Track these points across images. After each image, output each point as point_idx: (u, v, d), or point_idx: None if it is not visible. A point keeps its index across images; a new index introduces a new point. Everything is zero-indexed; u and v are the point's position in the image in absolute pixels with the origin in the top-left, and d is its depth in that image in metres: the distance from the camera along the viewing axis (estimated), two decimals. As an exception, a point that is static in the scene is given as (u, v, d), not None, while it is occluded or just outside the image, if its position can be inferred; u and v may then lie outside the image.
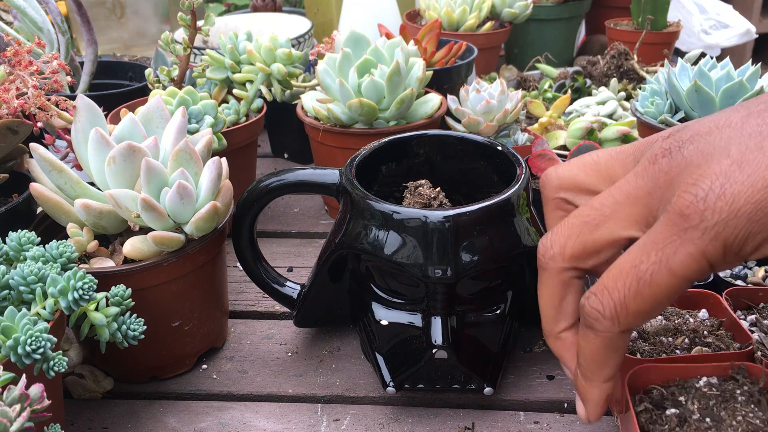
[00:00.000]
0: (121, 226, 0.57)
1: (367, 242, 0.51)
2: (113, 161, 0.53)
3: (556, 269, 0.38)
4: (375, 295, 0.56)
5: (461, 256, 0.49)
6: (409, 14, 1.26)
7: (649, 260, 0.32)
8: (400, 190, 0.59)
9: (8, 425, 0.35)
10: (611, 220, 0.35)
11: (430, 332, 0.52)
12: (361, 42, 0.76)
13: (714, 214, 0.30)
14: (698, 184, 0.31)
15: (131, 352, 0.52)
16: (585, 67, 1.12)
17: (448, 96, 0.84)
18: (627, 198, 0.35)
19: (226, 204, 0.57)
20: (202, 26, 0.76)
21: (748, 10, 2.08)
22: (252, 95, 0.81)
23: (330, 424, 0.54)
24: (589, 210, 0.36)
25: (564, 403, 0.55)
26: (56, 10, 0.85)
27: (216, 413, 0.56)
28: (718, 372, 0.44)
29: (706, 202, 0.30)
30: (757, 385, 0.42)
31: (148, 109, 0.59)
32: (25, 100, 0.59)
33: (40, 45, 0.65)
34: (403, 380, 0.54)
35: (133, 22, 1.31)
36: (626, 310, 0.33)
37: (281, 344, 0.63)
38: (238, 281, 0.72)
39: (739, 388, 0.42)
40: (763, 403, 0.41)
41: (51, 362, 0.42)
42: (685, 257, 0.31)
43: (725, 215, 0.30)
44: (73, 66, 0.90)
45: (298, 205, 0.88)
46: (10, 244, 0.50)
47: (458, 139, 0.62)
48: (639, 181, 0.34)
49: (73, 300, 0.46)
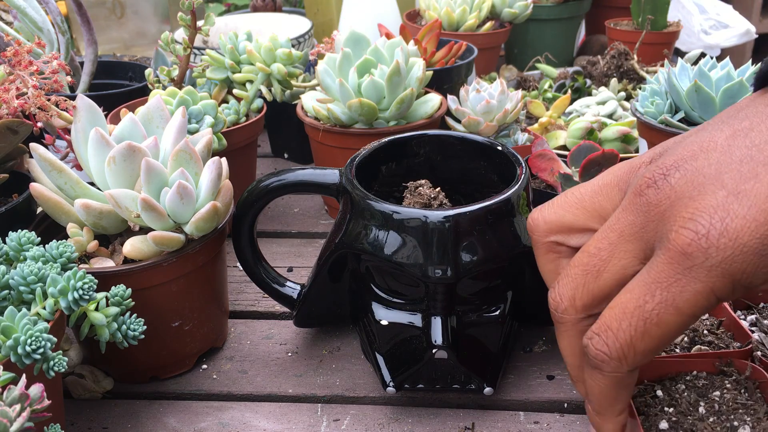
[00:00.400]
0: (121, 226, 0.57)
1: (367, 242, 0.51)
2: (113, 161, 0.53)
3: (571, 321, 0.38)
4: (375, 295, 0.56)
5: (461, 256, 0.49)
6: (409, 14, 1.26)
7: (654, 300, 0.32)
8: (400, 190, 0.59)
9: (8, 425, 0.35)
10: (611, 262, 0.35)
11: (430, 332, 0.52)
12: (361, 42, 0.76)
13: (719, 251, 0.29)
14: (696, 220, 0.30)
15: (131, 352, 0.52)
16: (585, 67, 1.12)
17: (448, 96, 0.84)
18: (621, 237, 0.34)
19: (226, 204, 0.57)
20: (202, 26, 0.76)
21: (748, 10, 2.08)
22: (252, 95, 0.81)
23: (330, 424, 0.54)
24: (587, 258, 0.36)
25: (564, 403, 0.55)
26: (56, 10, 0.85)
27: (216, 413, 0.56)
28: (708, 369, 0.45)
29: (709, 240, 0.30)
30: (743, 374, 0.44)
31: (148, 109, 0.59)
32: (25, 100, 0.59)
33: (40, 45, 0.65)
34: (403, 380, 0.54)
35: (133, 22, 1.31)
36: (633, 350, 0.33)
37: (281, 344, 0.63)
38: (238, 281, 0.72)
39: (727, 378, 0.44)
40: (750, 388, 0.42)
41: (51, 362, 0.42)
42: (693, 295, 0.31)
43: (730, 252, 0.29)
44: (73, 66, 0.90)
45: (298, 205, 0.88)
46: (10, 244, 0.50)
47: (458, 139, 0.62)
48: (629, 217, 0.34)
49: (73, 300, 0.46)
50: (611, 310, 0.34)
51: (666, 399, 0.43)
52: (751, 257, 0.29)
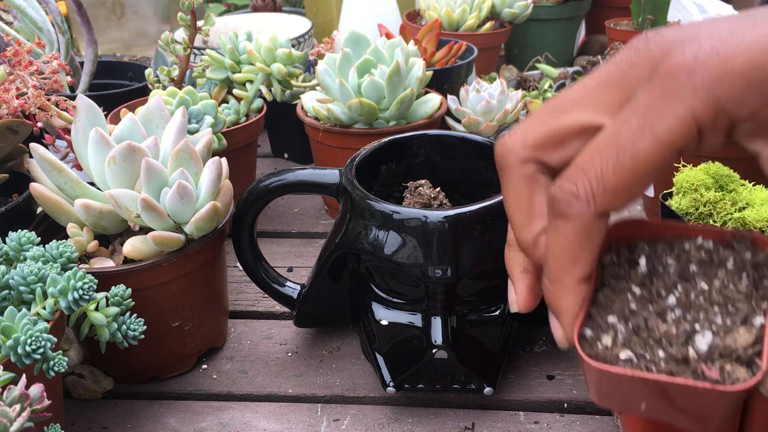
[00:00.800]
0: (121, 226, 0.57)
1: (367, 242, 0.51)
2: (113, 161, 0.53)
3: (517, 161, 0.33)
4: (375, 295, 0.56)
5: (461, 256, 0.49)
6: (409, 14, 1.26)
7: (629, 128, 0.28)
8: (400, 190, 0.59)
9: (8, 425, 0.35)
10: (580, 104, 0.31)
11: (430, 332, 0.52)
12: (361, 42, 0.76)
13: (705, 70, 0.27)
14: (687, 46, 0.28)
15: (131, 352, 0.52)
16: (585, 67, 1.12)
17: (448, 96, 0.84)
18: (599, 83, 0.31)
19: (226, 204, 0.57)
20: (202, 26, 0.76)
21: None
22: (252, 95, 0.81)
23: (330, 424, 0.54)
24: (555, 99, 0.32)
25: (564, 403, 0.55)
26: (56, 10, 0.85)
27: (216, 413, 0.56)
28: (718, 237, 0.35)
29: (697, 59, 0.27)
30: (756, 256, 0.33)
31: (148, 109, 0.59)
32: (25, 100, 0.59)
33: (40, 45, 0.65)
34: (403, 380, 0.54)
35: (133, 22, 1.31)
36: (603, 186, 0.29)
37: (281, 344, 0.63)
38: (238, 281, 0.72)
39: (733, 256, 0.34)
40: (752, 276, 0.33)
41: (51, 362, 0.42)
42: (673, 120, 0.27)
43: (718, 71, 0.27)
44: (73, 66, 0.90)
45: (298, 205, 0.88)
46: (10, 244, 0.50)
47: (458, 139, 0.62)
48: (612, 67, 0.30)
49: (73, 300, 0.46)
50: (585, 150, 0.30)
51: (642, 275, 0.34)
52: (739, 81, 0.27)
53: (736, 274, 0.33)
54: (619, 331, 0.31)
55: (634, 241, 0.36)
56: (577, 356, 0.31)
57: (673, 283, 0.33)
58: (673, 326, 0.31)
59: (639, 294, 0.33)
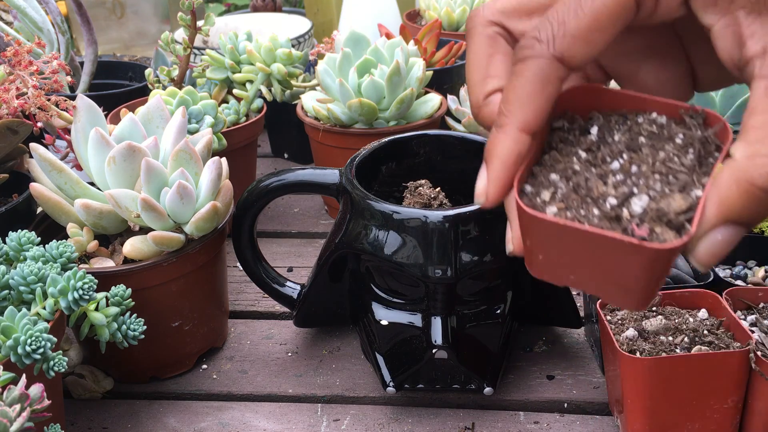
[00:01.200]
0: (121, 226, 0.57)
1: (367, 242, 0.51)
2: (113, 161, 0.53)
3: (482, 23, 0.33)
4: (375, 295, 0.56)
5: (461, 256, 0.49)
6: (409, 14, 1.26)
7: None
8: (400, 190, 0.59)
9: (8, 425, 0.35)
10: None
11: (430, 332, 0.52)
12: (361, 42, 0.76)
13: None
14: None
15: (131, 352, 0.52)
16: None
17: (448, 96, 0.84)
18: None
19: (226, 204, 0.57)
20: (202, 26, 0.76)
21: (748, 10, 2.08)
22: (252, 95, 0.81)
23: (330, 424, 0.54)
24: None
25: (564, 403, 0.55)
26: (56, 10, 0.85)
27: (216, 413, 0.56)
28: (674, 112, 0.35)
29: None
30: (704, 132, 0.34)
31: (148, 109, 0.59)
32: (25, 100, 0.59)
33: (40, 45, 0.65)
34: (403, 380, 0.54)
35: (133, 22, 1.31)
36: (564, 29, 0.30)
37: (281, 344, 0.63)
38: (238, 281, 0.72)
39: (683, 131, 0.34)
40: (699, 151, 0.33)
41: (51, 362, 0.42)
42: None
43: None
44: (73, 66, 0.90)
45: (298, 205, 0.88)
46: (10, 244, 0.50)
47: (458, 139, 0.62)
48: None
49: (73, 300, 0.46)
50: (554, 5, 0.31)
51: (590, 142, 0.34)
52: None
53: (684, 148, 0.33)
54: (559, 188, 0.32)
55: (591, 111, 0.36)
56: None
57: (620, 152, 0.33)
58: (612, 188, 0.31)
59: (584, 157, 0.33)
